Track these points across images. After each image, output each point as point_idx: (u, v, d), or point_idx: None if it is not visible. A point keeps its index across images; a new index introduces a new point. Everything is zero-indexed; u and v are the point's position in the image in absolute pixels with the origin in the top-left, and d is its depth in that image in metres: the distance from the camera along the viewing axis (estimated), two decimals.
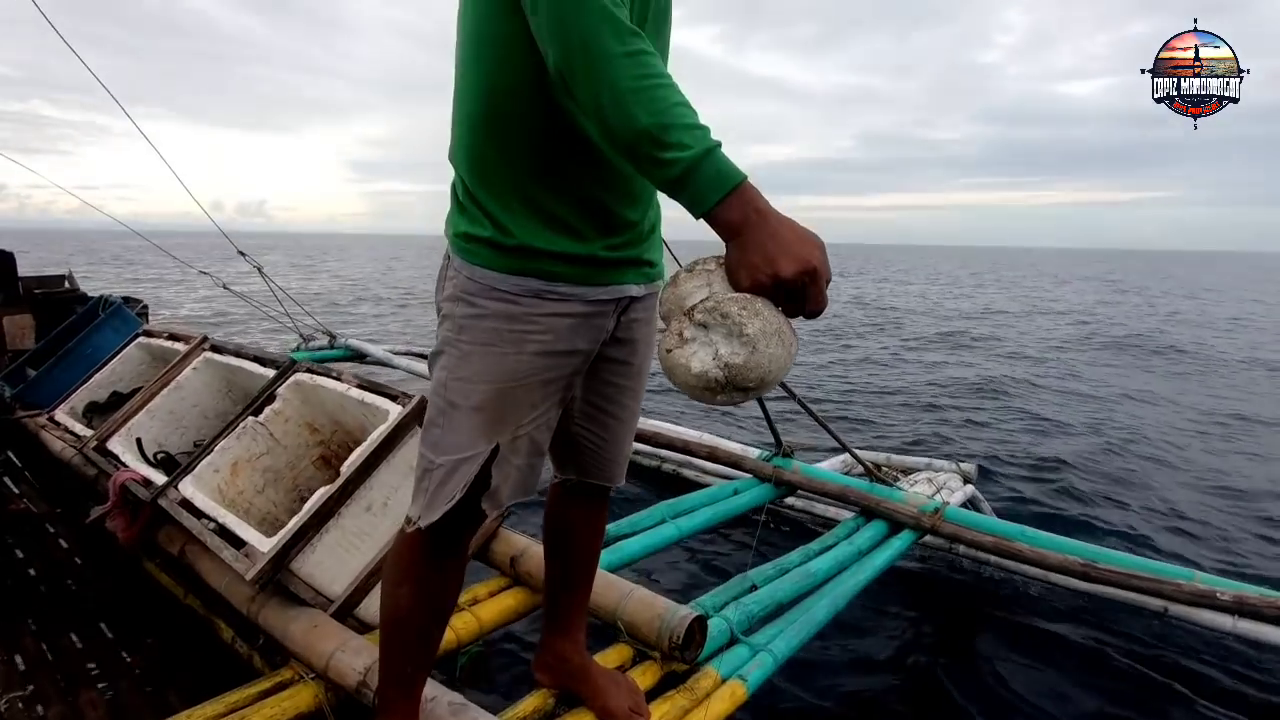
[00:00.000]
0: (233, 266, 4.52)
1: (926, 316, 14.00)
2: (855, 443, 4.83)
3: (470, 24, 0.92)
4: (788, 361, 0.76)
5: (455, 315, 0.99)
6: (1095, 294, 21.26)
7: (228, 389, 2.42)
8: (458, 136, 0.98)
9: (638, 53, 0.73)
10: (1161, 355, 9.39)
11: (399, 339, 9.35)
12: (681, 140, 0.71)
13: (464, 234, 0.97)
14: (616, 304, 1.05)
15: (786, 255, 0.72)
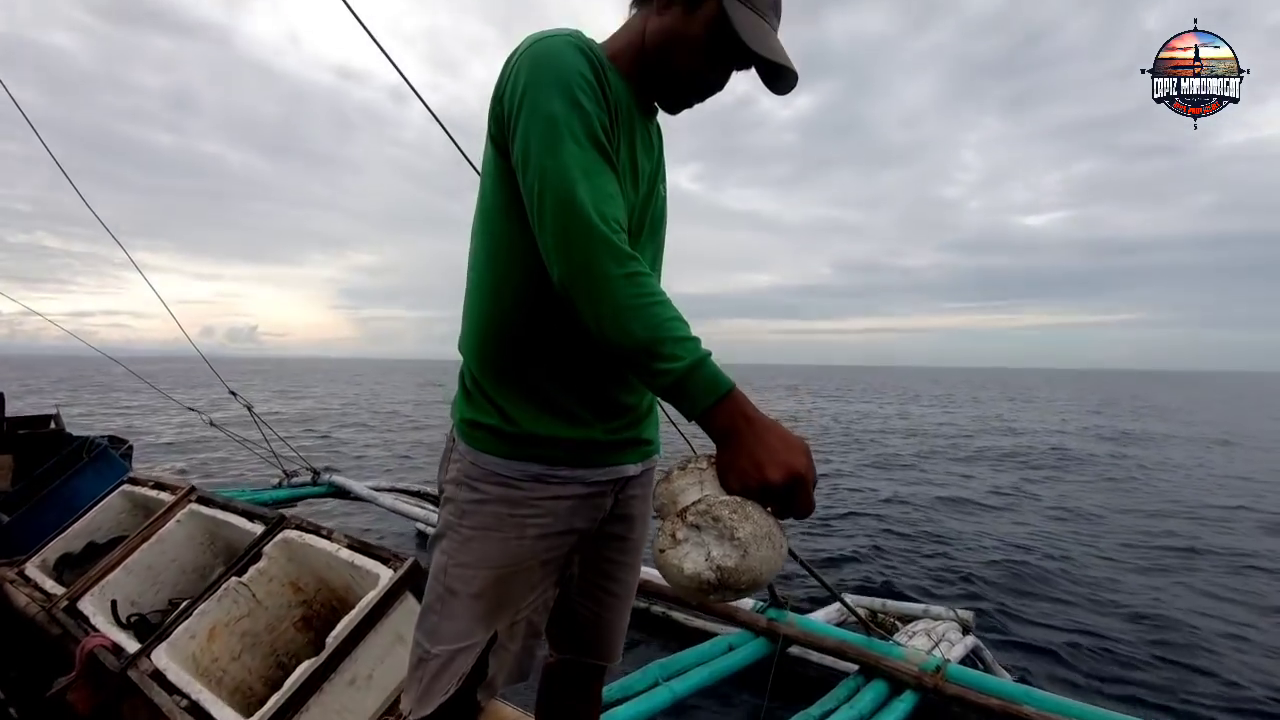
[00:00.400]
0: (219, 391, 4.54)
1: (909, 437, 14.11)
2: (847, 576, 4.74)
3: (481, 222, 1.00)
4: (779, 563, 0.78)
5: (458, 499, 1.01)
6: (1084, 417, 21.65)
7: (210, 541, 2.37)
8: (466, 327, 1.04)
9: (634, 274, 0.80)
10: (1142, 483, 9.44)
11: (382, 461, 9.22)
12: (674, 352, 0.77)
13: (469, 420, 1.01)
14: (614, 484, 1.08)
15: (773, 462, 0.75)
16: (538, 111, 0.85)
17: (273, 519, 2.08)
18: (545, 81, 0.86)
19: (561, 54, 0.88)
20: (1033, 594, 4.48)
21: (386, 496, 4.51)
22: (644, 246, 1.06)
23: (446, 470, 1.05)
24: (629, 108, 0.98)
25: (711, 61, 0.98)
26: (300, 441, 11.79)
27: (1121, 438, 15.05)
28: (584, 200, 0.81)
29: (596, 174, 0.84)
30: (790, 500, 0.76)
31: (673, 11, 0.96)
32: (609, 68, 0.95)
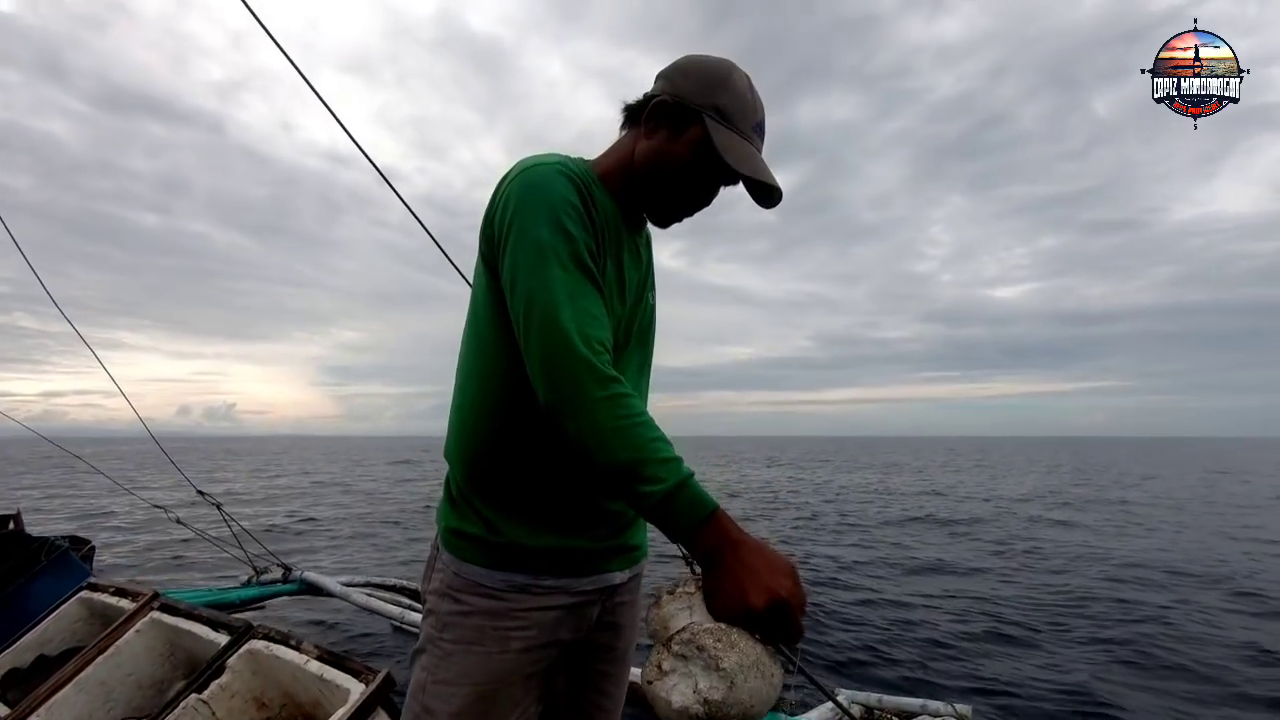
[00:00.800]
0: (192, 471, 4.41)
1: (890, 504, 13.97)
2: (840, 662, 4.55)
3: (470, 337, 1.02)
4: (771, 694, 0.74)
5: (440, 611, 0.99)
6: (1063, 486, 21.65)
7: (170, 652, 2.24)
8: (452, 437, 1.04)
9: (616, 396, 0.81)
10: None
11: (347, 543, 8.88)
12: (657, 474, 0.78)
13: (454, 529, 1.00)
14: (601, 593, 1.06)
15: (757, 587, 0.74)
16: (526, 237, 0.89)
17: (239, 628, 1.99)
18: (533, 208, 0.90)
19: (549, 181, 0.92)
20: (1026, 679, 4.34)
21: (359, 593, 4.33)
22: (631, 355, 1.09)
23: (430, 580, 1.04)
24: (616, 225, 1.02)
25: (699, 181, 1.02)
26: (269, 520, 11.39)
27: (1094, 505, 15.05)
28: (568, 324, 0.83)
29: (581, 296, 0.87)
30: (777, 627, 0.74)
31: (660, 135, 1.01)
32: (597, 187, 1.00)
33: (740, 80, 1.00)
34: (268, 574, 4.65)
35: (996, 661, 4.70)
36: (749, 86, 1.01)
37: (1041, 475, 27.80)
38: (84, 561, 3.26)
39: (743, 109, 0.99)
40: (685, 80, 1.00)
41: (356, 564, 8.00)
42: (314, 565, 5.05)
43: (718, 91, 0.98)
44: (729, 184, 1.05)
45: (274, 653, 1.85)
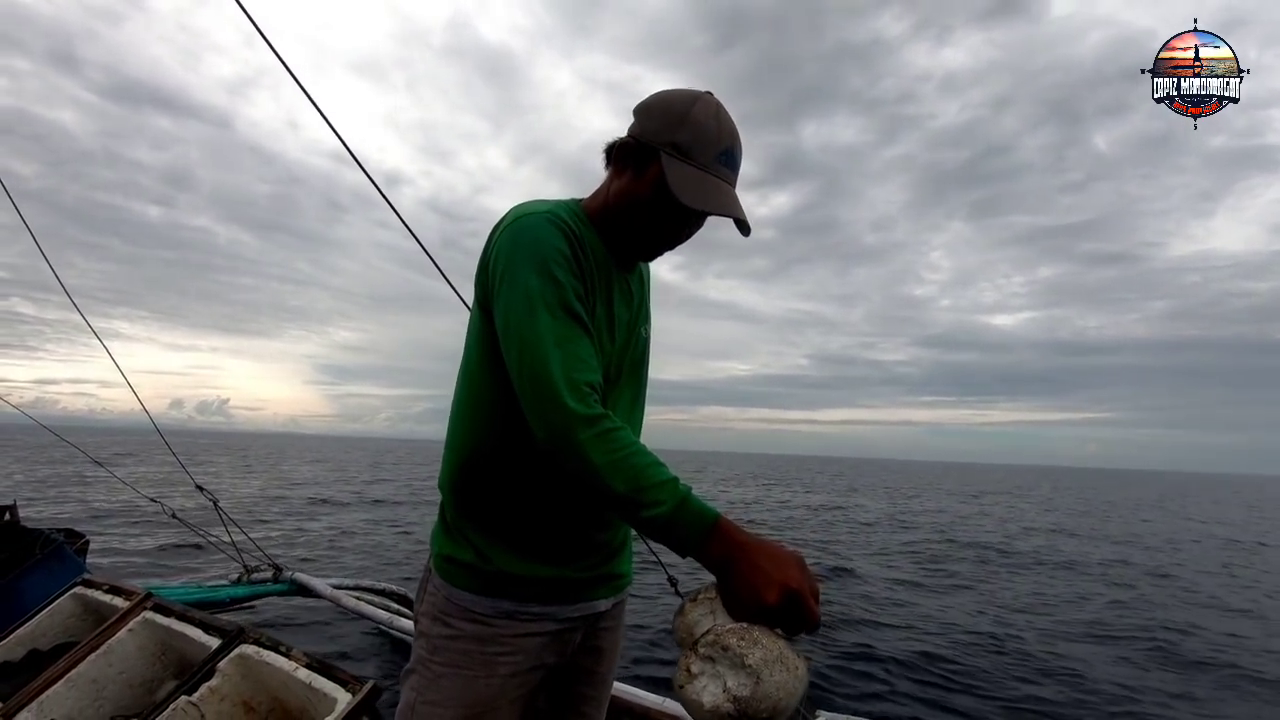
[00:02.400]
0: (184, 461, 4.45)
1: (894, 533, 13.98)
2: (831, 684, 4.55)
3: (464, 374, 1.07)
4: (797, 685, 0.76)
5: (431, 634, 1.03)
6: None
7: (161, 653, 2.28)
8: (447, 467, 1.09)
9: (605, 433, 0.85)
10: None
11: (344, 547, 8.89)
12: (656, 498, 0.81)
13: (446, 555, 1.05)
14: (585, 619, 1.11)
15: (769, 585, 0.76)
16: (517, 285, 0.94)
17: (231, 631, 2.03)
18: (524, 257, 0.95)
19: (539, 230, 0.97)
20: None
21: (349, 597, 4.35)
22: (623, 390, 1.13)
23: (422, 601, 1.08)
24: (607, 265, 1.07)
25: (665, 218, 1.03)
26: (253, 515, 11.37)
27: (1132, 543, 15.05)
28: (556, 371, 0.87)
29: (569, 342, 0.91)
30: (792, 617, 0.77)
31: (627, 175, 1.04)
32: (587, 230, 1.04)
33: (703, 112, 1.00)
34: (258, 573, 4.67)
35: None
36: (715, 116, 1.00)
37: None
38: (78, 555, 3.29)
39: (704, 142, 0.99)
40: (648, 119, 1.02)
41: (347, 568, 8.01)
42: (302, 566, 5.07)
43: (676, 128, 0.99)
44: (704, 216, 1.06)
45: (264, 658, 1.89)
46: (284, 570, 4.65)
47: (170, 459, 4.37)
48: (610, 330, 1.07)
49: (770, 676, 0.74)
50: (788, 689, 0.75)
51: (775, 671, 0.74)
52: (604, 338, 1.05)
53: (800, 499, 23.40)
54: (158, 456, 30.12)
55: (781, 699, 0.75)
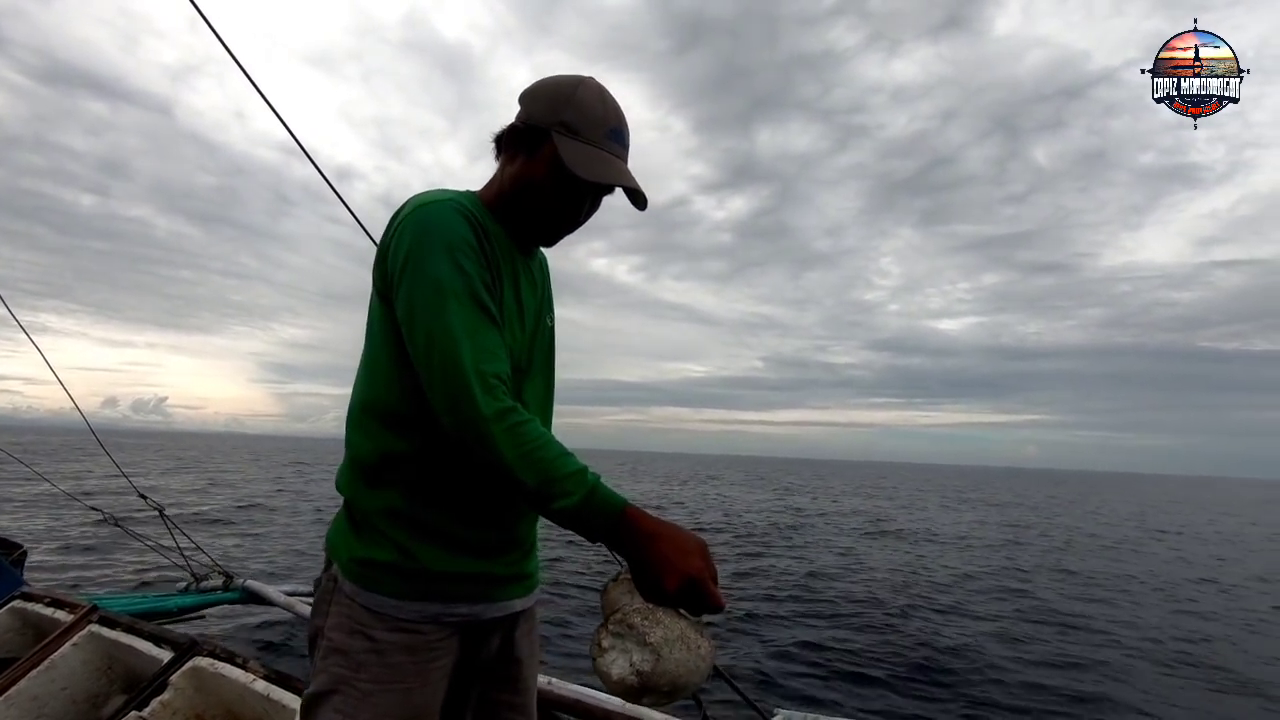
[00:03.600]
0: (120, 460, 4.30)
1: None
2: (779, 680, 4.64)
3: (368, 366, 1.04)
4: (698, 663, 0.83)
5: (350, 650, 0.96)
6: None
7: (108, 667, 2.21)
8: (353, 469, 1.03)
9: (515, 425, 0.85)
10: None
11: (288, 553, 8.65)
12: (565, 488, 0.83)
13: (360, 559, 0.98)
14: (503, 621, 1.09)
15: (669, 571, 0.79)
16: (423, 275, 0.92)
17: (183, 644, 1.98)
18: (430, 246, 0.93)
19: (444, 218, 0.96)
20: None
21: (302, 603, 4.25)
22: (534, 380, 1.12)
23: (326, 615, 1.00)
24: (510, 252, 1.07)
25: (561, 197, 1.04)
26: (200, 518, 11.01)
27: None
28: (467, 362, 0.87)
29: (478, 332, 0.91)
30: (692, 602, 0.81)
31: (519, 159, 1.04)
32: (488, 219, 1.04)
33: (588, 93, 1.02)
34: (208, 581, 4.52)
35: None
36: (600, 97, 1.03)
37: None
38: (14, 567, 3.15)
39: (591, 120, 1.01)
40: (534, 103, 1.04)
41: (292, 568, 7.82)
42: (254, 573, 4.94)
43: (562, 108, 1.01)
44: (600, 193, 1.07)
45: (219, 670, 1.85)
46: (235, 578, 4.52)
47: (103, 457, 4.19)
48: (520, 318, 1.07)
49: (670, 654, 0.81)
50: (688, 666, 0.81)
51: (675, 650, 0.81)
52: (514, 326, 1.04)
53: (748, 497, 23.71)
54: (90, 456, 28.83)
55: (681, 675, 0.81)
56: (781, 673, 4.97)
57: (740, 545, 11.86)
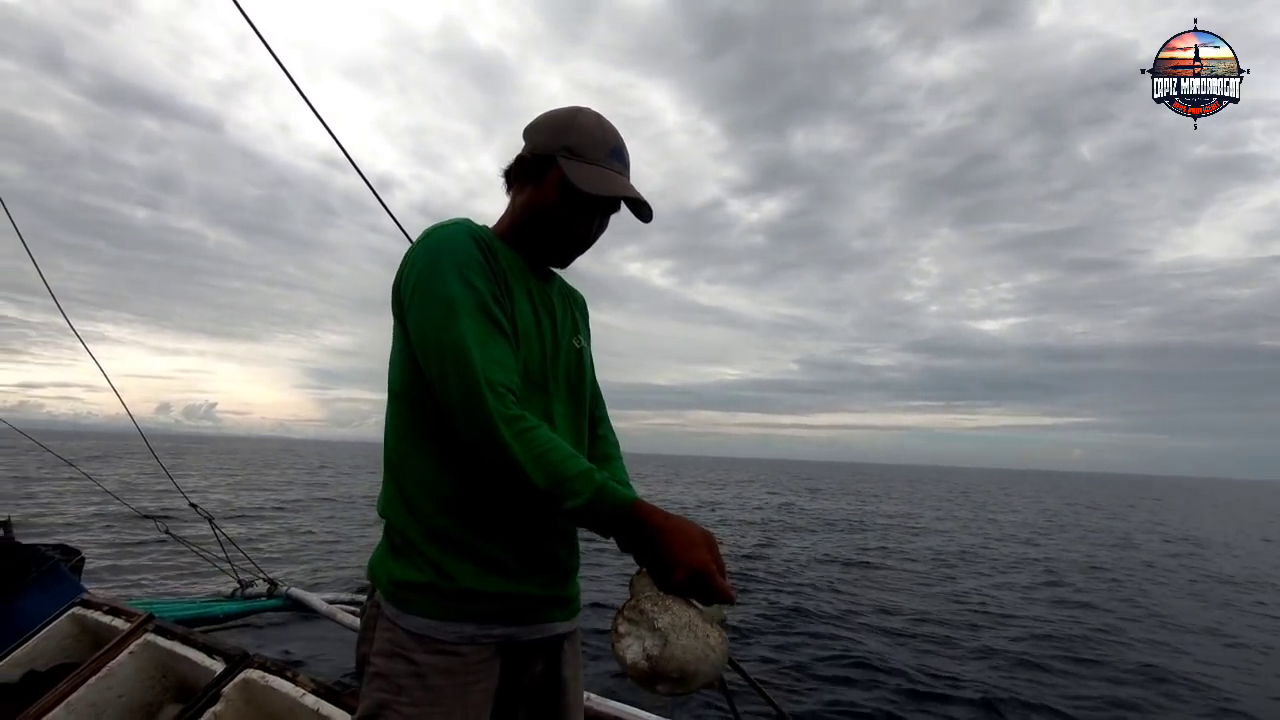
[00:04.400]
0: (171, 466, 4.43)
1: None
2: (815, 690, 4.54)
3: (395, 393, 1.06)
4: (706, 651, 0.84)
5: (392, 674, 0.96)
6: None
7: (162, 676, 2.26)
8: (391, 490, 1.05)
9: (523, 431, 0.90)
10: None
11: (331, 553, 8.82)
12: (574, 489, 0.88)
13: (399, 581, 0.99)
14: (545, 644, 1.08)
15: (678, 565, 0.85)
16: (434, 293, 0.97)
17: (235, 655, 2.02)
18: (440, 266, 0.99)
19: (452, 240, 1.02)
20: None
21: (344, 612, 4.32)
22: (560, 399, 1.12)
23: (371, 641, 1.01)
24: (523, 274, 1.11)
25: (572, 216, 1.10)
26: (246, 525, 11.28)
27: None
28: (478, 373, 0.92)
29: (488, 343, 0.95)
30: (700, 594, 0.86)
31: (529, 187, 1.11)
32: (497, 244, 1.07)
33: (587, 119, 1.10)
34: (253, 588, 4.64)
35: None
36: (598, 123, 1.10)
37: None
38: (74, 572, 3.25)
39: (593, 142, 1.08)
40: (538, 134, 1.11)
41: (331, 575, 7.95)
42: (298, 585, 5.04)
43: (564, 134, 1.08)
44: (606, 212, 1.13)
45: (269, 683, 1.88)
46: (279, 585, 4.62)
47: (155, 459, 4.34)
48: (539, 336, 1.09)
49: (677, 640, 0.83)
50: (695, 653, 0.83)
51: (682, 636, 0.83)
52: (532, 343, 1.07)
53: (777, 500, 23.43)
54: (142, 460, 29.78)
55: (690, 661, 0.83)
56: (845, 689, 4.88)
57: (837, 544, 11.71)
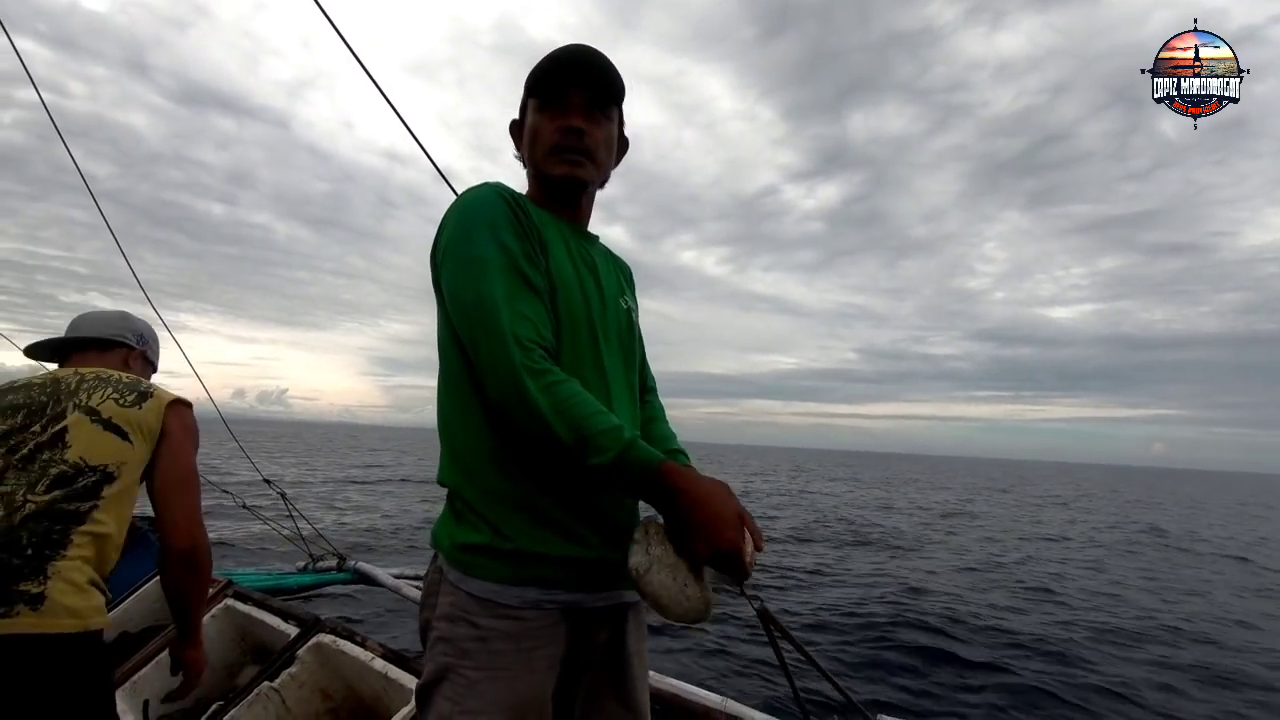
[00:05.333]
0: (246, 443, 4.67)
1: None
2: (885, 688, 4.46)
3: (441, 357, 1.06)
4: (679, 598, 0.88)
5: (456, 638, 0.96)
6: None
7: (241, 638, 2.37)
8: (446, 456, 1.05)
9: (550, 385, 0.89)
10: None
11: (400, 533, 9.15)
12: (601, 444, 0.86)
13: (460, 544, 0.99)
14: (611, 612, 1.06)
15: (702, 538, 0.84)
16: (463, 253, 0.98)
17: (308, 620, 2.10)
18: (470, 226, 1.00)
19: (481, 200, 1.02)
20: None
21: (409, 586, 4.46)
22: (613, 349, 1.11)
23: (435, 605, 1.01)
24: (558, 229, 1.10)
25: (546, 118, 1.10)
26: (321, 502, 11.80)
27: None
28: (504, 329, 0.91)
29: (515, 300, 0.95)
30: (723, 569, 0.85)
31: (522, 135, 1.16)
32: (528, 205, 1.07)
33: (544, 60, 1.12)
34: (323, 561, 4.83)
35: None
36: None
37: None
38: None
39: (543, 65, 1.10)
40: (522, 101, 1.17)
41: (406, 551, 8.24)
42: (366, 558, 5.23)
43: (528, 82, 1.13)
44: (578, 89, 1.10)
45: (340, 647, 1.95)
46: (347, 559, 4.80)
47: (231, 442, 4.59)
48: (581, 288, 1.08)
49: (656, 575, 0.88)
50: (669, 594, 0.88)
51: (663, 573, 0.88)
52: (573, 292, 1.06)
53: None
54: (219, 444, 31.47)
55: (662, 597, 0.88)
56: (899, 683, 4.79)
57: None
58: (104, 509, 1.28)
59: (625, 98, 1.17)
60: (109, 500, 1.29)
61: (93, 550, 1.25)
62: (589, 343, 1.06)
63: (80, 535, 1.23)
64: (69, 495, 1.25)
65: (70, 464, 1.28)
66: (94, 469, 1.29)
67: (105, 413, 1.35)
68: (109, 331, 1.60)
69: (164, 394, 1.45)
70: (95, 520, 1.26)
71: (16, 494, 1.22)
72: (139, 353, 1.65)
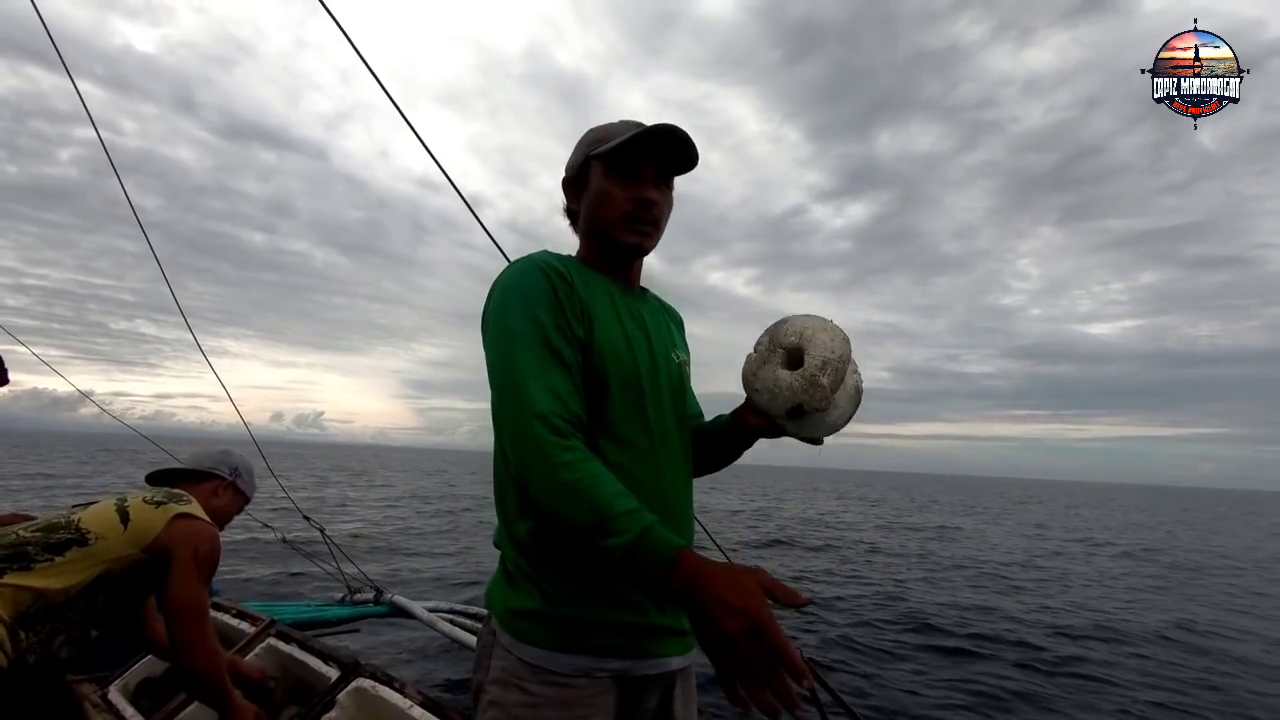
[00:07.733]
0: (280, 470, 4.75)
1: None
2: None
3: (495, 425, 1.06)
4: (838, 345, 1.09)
5: (508, 704, 0.97)
6: None
7: (282, 677, 2.40)
8: (501, 518, 1.07)
9: (570, 463, 0.87)
10: None
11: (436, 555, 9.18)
12: (619, 527, 0.82)
13: (513, 609, 1.00)
14: (659, 680, 1.05)
15: (728, 613, 0.75)
16: (499, 327, 1.01)
17: (348, 664, 2.12)
18: (508, 301, 1.02)
19: (523, 274, 1.04)
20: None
21: (444, 621, 4.47)
22: (665, 407, 1.11)
23: (489, 668, 1.02)
24: (607, 291, 1.11)
25: (618, 185, 1.10)
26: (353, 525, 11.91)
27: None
28: (526, 405, 0.92)
29: (543, 374, 0.95)
30: (753, 641, 0.74)
31: (582, 198, 1.16)
32: (576, 270, 1.08)
33: (606, 125, 1.14)
34: (360, 594, 4.88)
35: None
36: (618, 122, 1.15)
37: None
38: None
39: (614, 132, 1.11)
40: (572, 158, 1.18)
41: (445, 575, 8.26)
42: (402, 592, 5.27)
43: (590, 144, 1.14)
44: (653, 161, 1.10)
45: (379, 693, 1.96)
46: (384, 593, 4.84)
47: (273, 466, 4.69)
48: (629, 346, 1.08)
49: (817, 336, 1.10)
50: (829, 347, 1.09)
51: (819, 334, 1.10)
52: (621, 352, 1.07)
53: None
54: (263, 478, 32.09)
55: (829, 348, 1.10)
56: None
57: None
58: (42, 568, 1.52)
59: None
60: (66, 561, 1.54)
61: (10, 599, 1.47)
62: (637, 405, 1.07)
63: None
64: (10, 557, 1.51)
65: (68, 523, 1.57)
66: (77, 529, 1.56)
67: (129, 503, 1.63)
68: (206, 464, 1.96)
69: (181, 507, 1.68)
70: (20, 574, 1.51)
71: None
72: (229, 483, 1.98)
